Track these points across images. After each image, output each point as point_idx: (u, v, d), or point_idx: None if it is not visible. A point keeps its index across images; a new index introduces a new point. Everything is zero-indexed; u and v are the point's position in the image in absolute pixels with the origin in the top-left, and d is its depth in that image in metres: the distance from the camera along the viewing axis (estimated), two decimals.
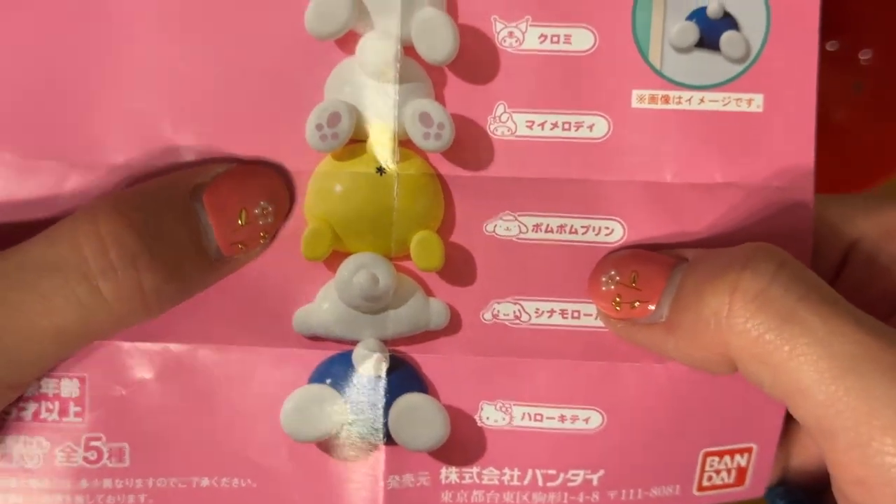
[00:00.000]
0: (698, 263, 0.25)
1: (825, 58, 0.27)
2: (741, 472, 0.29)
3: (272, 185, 0.26)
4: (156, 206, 0.25)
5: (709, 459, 0.29)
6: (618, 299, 0.26)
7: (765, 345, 0.23)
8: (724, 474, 0.29)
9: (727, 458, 0.29)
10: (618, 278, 0.26)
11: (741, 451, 0.29)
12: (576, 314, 0.27)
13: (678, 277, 0.25)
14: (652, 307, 0.26)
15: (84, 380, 0.27)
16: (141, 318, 0.25)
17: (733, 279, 0.23)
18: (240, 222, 0.25)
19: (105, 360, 0.27)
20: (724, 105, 0.27)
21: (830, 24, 0.27)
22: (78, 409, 0.27)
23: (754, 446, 0.29)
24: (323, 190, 0.26)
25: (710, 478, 0.29)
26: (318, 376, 0.27)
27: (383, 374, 0.27)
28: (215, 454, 0.27)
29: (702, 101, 0.27)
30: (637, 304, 0.26)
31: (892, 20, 0.42)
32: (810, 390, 0.22)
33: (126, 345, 0.27)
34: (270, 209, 0.26)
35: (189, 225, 0.25)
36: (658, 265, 0.26)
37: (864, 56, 0.42)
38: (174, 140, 0.26)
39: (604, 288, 0.26)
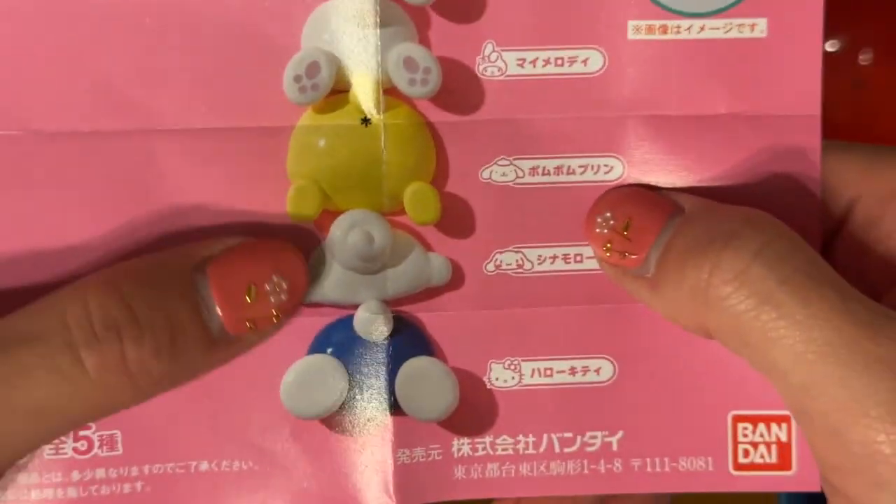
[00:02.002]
0: (689, 224, 0.24)
1: (825, 58, 0.26)
2: (783, 449, 0.27)
3: (286, 259, 0.25)
4: (152, 278, 0.23)
5: (740, 426, 0.27)
6: (609, 245, 0.25)
7: (742, 325, 0.22)
8: (762, 450, 0.27)
9: (762, 428, 0.27)
10: (612, 222, 0.25)
11: (777, 420, 0.27)
12: (578, 258, 0.26)
13: (669, 233, 0.24)
14: (640, 259, 0.24)
15: None
16: (128, 396, 0.23)
17: (715, 255, 0.23)
18: (248, 299, 0.24)
19: None
20: (726, 32, 0.25)
21: (830, 24, 0.27)
22: None
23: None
24: (306, 145, 0.25)
25: (746, 452, 0.27)
26: (319, 345, 0.26)
27: (387, 337, 0.25)
28: (213, 436, 0.26)
29: (702, 29, 0.25)
30: (626, 254, 0.25)
31: (892, 20, 0.42)
32: (788, 373, 0.22)
33: None
34: (284, 286, 0.24)
35: (188, 298, 0.23)
36: (652, 213, 0.25)
37: (864, 56, 0.42)
38: (146, 102, 0.24)
39: (597, 230, 0.25)
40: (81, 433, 0.25)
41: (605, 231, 0.25)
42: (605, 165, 0.26)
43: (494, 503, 0.29)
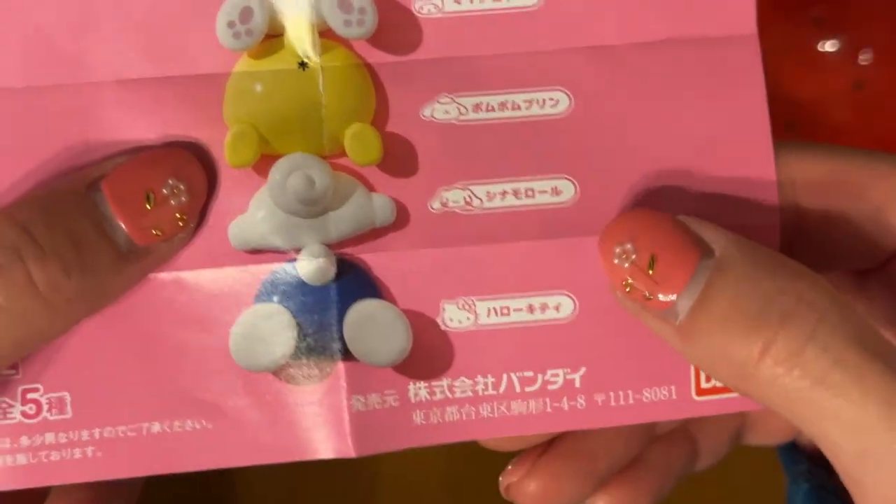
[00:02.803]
0: (726, 276, 0.23)
1: (825, 58, 0.26)
2: None
3: (180, 162, 0.24)
4: (47, 202, 0.23)
5: None
6: (629, 282, 0.24)
7: (792, 401, 0.22)
8: None
9: None
10: (633, 256, 0.24)
11: None
12: (529, 192, 0.25)
13: (702, 281, 0.23)
14: (667, 302, 0.23)
15: None
16: (46, 319, 0.23)
17: (769, 335, 0.22)
18: (147, 206, 0.24)
19: None
20: None
21: (830, 24, 0.27)
22: None
23: None
24: (243, 91, 0.25)
25: (708, 377, 0.26)
26: (265, 294, 0.25)
27: (332, 280, 0.25)
28: (164, 396, 0.25)
29: None
30: (650, 295, 0.23)
31: (892, 20, 0.42)
32: (841, 445, 0.21)
33: None
34: (182, 187, 0.24)
35: (87, 214, 0.23)
36: (682, 254, 0.23)
37: (864, 56, 0.42)
38: (79, 54, 0.24)
39: (616, 261, 0.24)
40: (29, 395, 0.25)
41: (626, 265, 0.24)
42: (551, 99, 0.25)
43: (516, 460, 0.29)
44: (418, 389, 0.26)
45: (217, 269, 0.25)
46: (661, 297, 0.23)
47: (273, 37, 0.25)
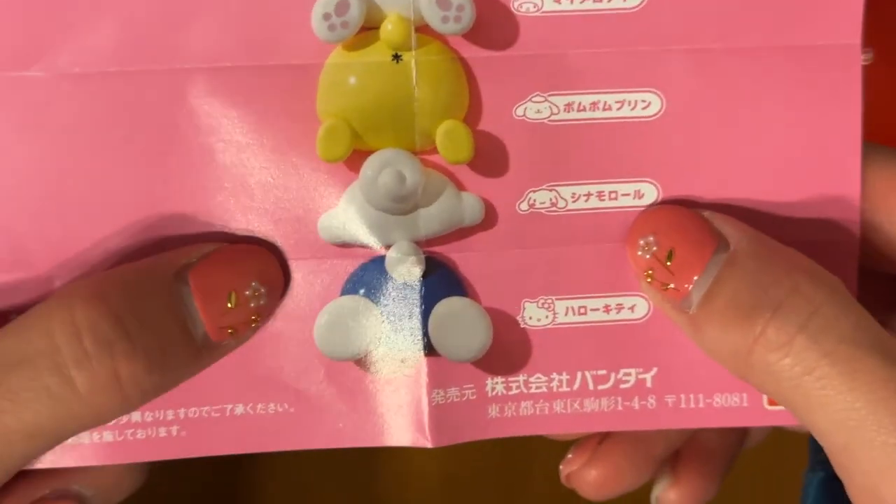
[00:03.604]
0: (734, 269, 0.24)
1: None
2: None
3: (264, 264, 0.25)
4: (138, 289, 0.23)
5: None
6: (650, 272, 0.25)
7: (784, 390, 0.23)
8: None
9: None
10: (654, 248, 0.25)
11: None
12: (613, 195, 0.26)
13: (713, 273, 0.24)
14: (682, 292, 0.24)
15: None
16: (119, 412, 0.23)
17: (761, 323, 0.23)
18: (229, 305, 0.24)
19: None
20: None
21: None
22: None
23: None
24: (336, 84, 0.24)
25: None
26: (351, 287, 0.25)
27: (419, 278, 0.25)
28: (248, 379, 0.26)
29: None
30: (669, 286, 0.24)
31: (892, 20, 0.41)
32: (829, 434, 0.22)
33: None
34: (263, 290, 0.24)
35: (174, 310, 0.23)
36: (697, 248, 0.24)
37: (864, 56, 0.41)
38: (173, 41, 0.24)
39: (639, 253, 0.25)
40: None
41: (648, 257, 0.25)
42: (643, 101, 0.25)
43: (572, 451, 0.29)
44: (495, 384, 0.26)
45: (306, 261, 0.25)
46: (676, 287, 0.24)
47: (368, 29, 0.24)
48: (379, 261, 0.25)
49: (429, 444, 0.26)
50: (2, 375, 0.22)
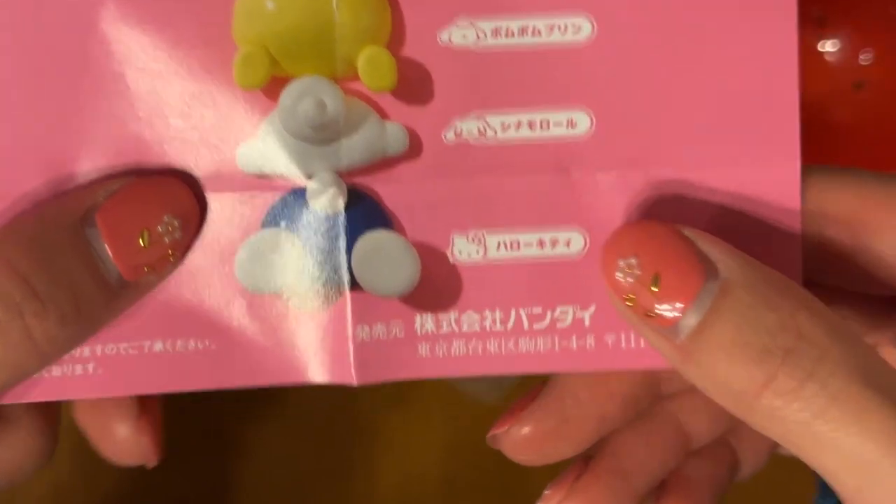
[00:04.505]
0: (729, 300, 0.22)
1: (825, 58, 0.25)
2: None
3: (176, 195, 0.24)
4: (42, 241, 0.22)
5: None
6: (632, 297, 0.23)
7: (790, 432, 0.22)
8: None
9: None
10: (637, 272, 0.23)
11: None
12: (545, 124, 0.25)
13: (706, 304, 0.22)
14: (669, 320, 0.23)
15: None
16: (38, 367, 0.23)
17: (770, 371, 0.22)
18: (142, 243, 0.23)
19: None
20: None
21: (831, 24, 0.25)
22: None
23: None
24: (253, 9, 0.24)
25: None
26: (272, 219, 0.25)
27: (341, 210, 0.24)
28: (167, 315, 0.25)
29: None
30: (653, 313, 0.23)
31: (892, 20, 0.41)
32: (839, 475, 0.22)
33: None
34: (177, 223, 0.23)
35: (83, 256, 0.23)
36: (687, 274, 0.23)
37: (865, 56, 0.41)
38: None
39: (619, 275, 0.23)
40: None
41: (630, 280, 0.23)
42: (574, 25, 0.24)
43: None
44: (424, 321, 0.25)
45: (224, 193, 0.24)
46: (663, 314, 0.23)
47: None
48: (300, 192, 0.24)
49: (353, 382, 0.25)
50: None
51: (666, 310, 0.23)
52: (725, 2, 0.24)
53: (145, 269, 0.24)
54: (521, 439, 0.27)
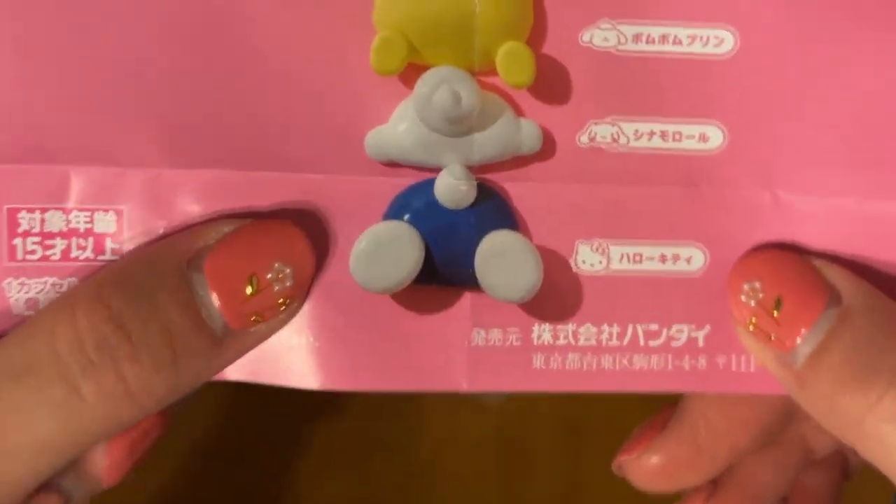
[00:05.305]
0: (847, 326, 0.22)
1: None
2: None
3: (289, 242, 0.23)
4: (143, 284, 0.21)
5: None
6: (754, 320, 0.23)
7: (891, 456, 0.22)
8: None
9: None
10: (760, 295, 0.23)
11: None
12: (677, 136, 0.24)
13: (824, 329, 0.22)
14: (788, 346, 0.23)
15: (122, 213, 0.23)
16: (133, 415, 0.21)
17: (878, 391, 0.21)
18: (249, 291, 0.22)
19: (145, 190, 0.23)
20: None
21: None
22: (115, 245, 0.23)
23: None
24: None
25: None
26: (396, 210, 0.24)
27: (470, 205, 0.23)
28: None
29: None
30: (773, 337, 0.23)
31: None
32: None
33: (168, 172, 0.23)
34: (287, 271, 0.22)
35: (184, 300, 0.22)
36: (808, 301, 0.23)
37: None
38: None
39: (743, 298, 0.23)
40: None
41: (752, 304, 0.23)
42: (716, 37, 0.24)
43: None
44: (542, 331, 0.24)
45: (348, 177, 0.23)
46: (783, 340, 0.23)
47: None
48: (427, 184, 0.23)
49: (464, 387, 0.24)
50: (6, 388, 0.20)
51: (786, 335, 0.23)
52: (879, 24, 0.24)
53: (252, 318, 0.22)
54: (650, 468, 0.26)
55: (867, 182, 0.24)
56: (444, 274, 0.24)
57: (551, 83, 0.23)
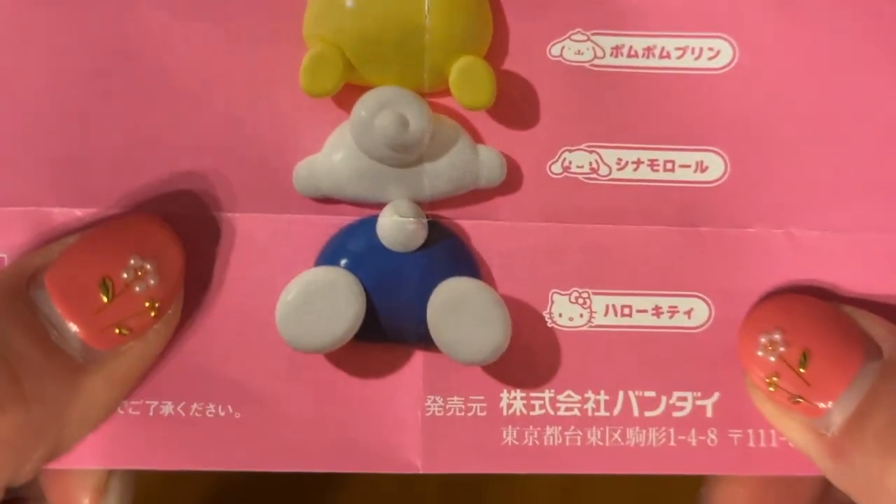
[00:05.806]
0: (891, 382, 0.19)
1: None
2: None
3: (145, 232, 0.19)
4: None
5: None
6: (774, 379, 0.20)
7: None
8: None
9: None
10: (782, 349, 0.20)
11: None
12: (669, 166, 0.21)
13: (864, 388, 0.19)
14: (820, 410, 0.20)
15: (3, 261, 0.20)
16: (9, 463, 0.18)
17: None
18: (105, 299, 0.19)
19: (33, 232, 0.20)
20: None
21: None
22: None
23: None
24: (329, 3, 0.20)
25: None
26: (330, 255, 0.20)
27: (420, 247, 0.20)
28: (182, 371, 0.20)
29: None
30: (800, 399, 0.20)
31: None
32: None
33: (57, 211, 0.20)
34: (148, 267, 0.19)
35: (25, 323, 0.18)
36: (843, 354, 0.20)
37: None
38: None
39: (760, 352, 0.20)
40: None
41: (772, 359, 0.20)
42: (710, 49, 0.21)
43: None
44: (513, 400, 0.21)
45: (274, 216, 0.20)
46: (812, 402, 0.19)
47: None
48: (368, 223, 0.20)
49: (419, 469, 0.20)
50: None
51: (816, 396, 0.19)
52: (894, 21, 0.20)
53: (117, 332, 0.19)
54: None
55: (891, 216, 0.21)
56: (389, 329, 0.20)
57: (515, 104, 0.21)
